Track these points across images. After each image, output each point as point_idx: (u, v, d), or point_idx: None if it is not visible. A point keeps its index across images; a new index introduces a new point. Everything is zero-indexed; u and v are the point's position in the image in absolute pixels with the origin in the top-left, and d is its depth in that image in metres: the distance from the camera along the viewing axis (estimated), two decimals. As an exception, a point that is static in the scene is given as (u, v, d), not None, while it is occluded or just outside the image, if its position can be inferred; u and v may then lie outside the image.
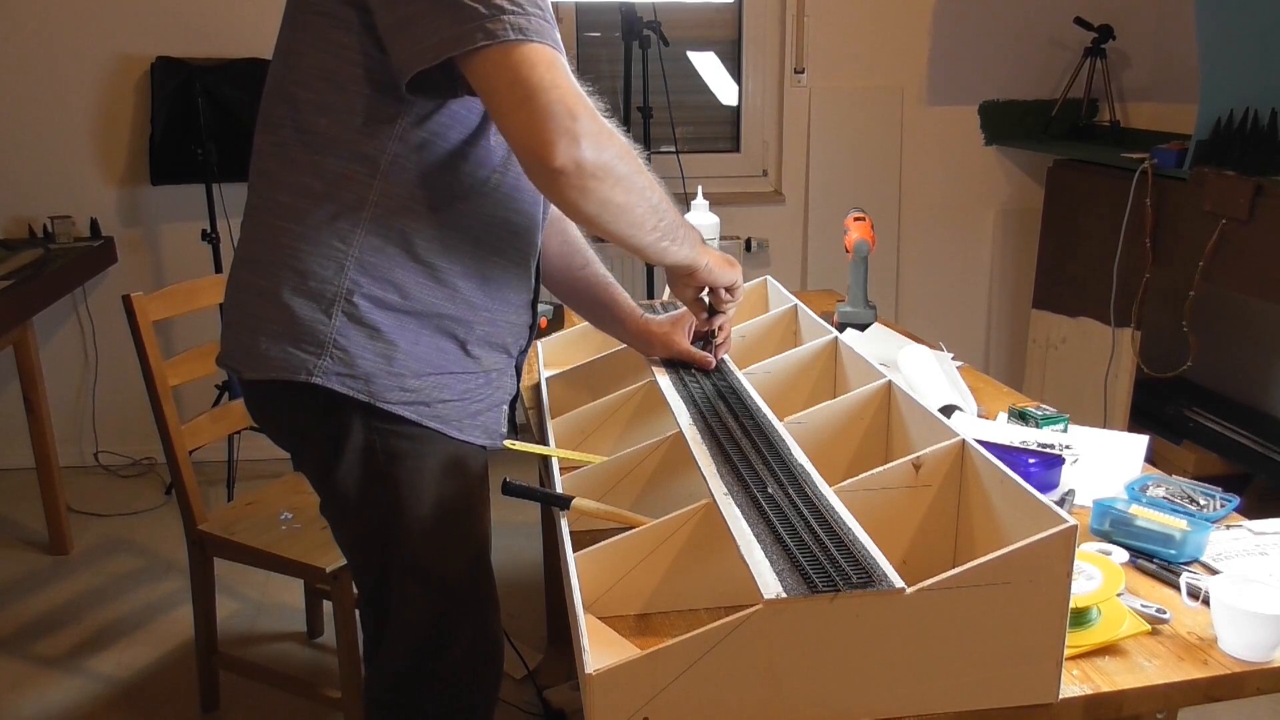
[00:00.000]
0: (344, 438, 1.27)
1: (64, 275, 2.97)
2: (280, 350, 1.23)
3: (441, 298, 1.27)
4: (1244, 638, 1.08)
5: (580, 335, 2.00)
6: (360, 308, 1.22)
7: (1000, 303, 3.93)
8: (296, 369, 1.22)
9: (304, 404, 1.26)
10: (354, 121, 1.19)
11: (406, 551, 1.33)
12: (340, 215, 1.21)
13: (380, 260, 1.23)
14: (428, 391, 1.27)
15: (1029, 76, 3.73)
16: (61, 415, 3.45)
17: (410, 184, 1.22)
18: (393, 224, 1.22)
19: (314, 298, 1.22)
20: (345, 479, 1.29)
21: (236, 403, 2.24)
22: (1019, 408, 1.67)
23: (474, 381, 1.32)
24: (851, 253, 2.15)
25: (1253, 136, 2.71)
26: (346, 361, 1.22)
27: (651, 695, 0.93)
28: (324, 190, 1.21)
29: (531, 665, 2.34)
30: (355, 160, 1.20)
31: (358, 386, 1.23)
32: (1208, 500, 1.40)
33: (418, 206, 1.23)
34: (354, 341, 1.22)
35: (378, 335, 1.23)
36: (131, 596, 2.76)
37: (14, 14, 3.26)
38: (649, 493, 1.38)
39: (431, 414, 1.28)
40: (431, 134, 1.22)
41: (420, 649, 1.38)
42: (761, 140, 3.76)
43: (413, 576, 1.34)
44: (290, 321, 1.22)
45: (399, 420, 1.26)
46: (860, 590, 0.94)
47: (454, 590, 1.37)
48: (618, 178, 1.14)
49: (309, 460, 1.36)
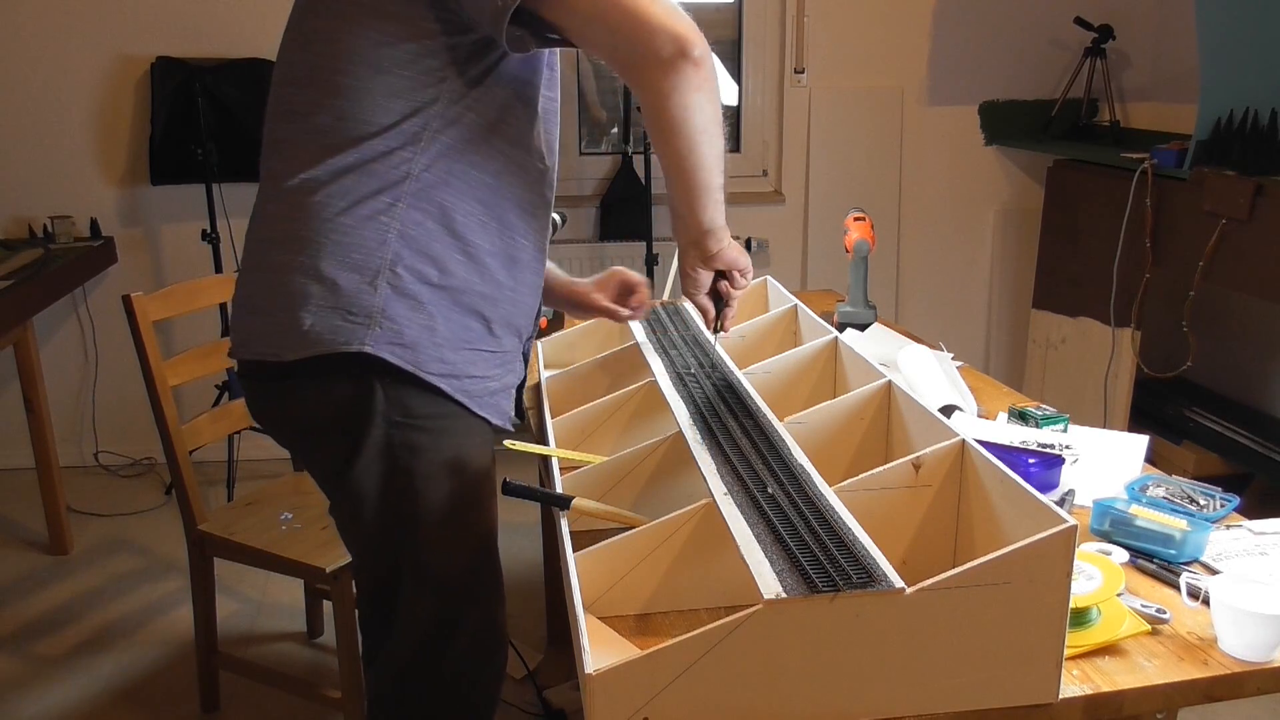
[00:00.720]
0: (364, 432, 1.27)
1: (64, 275, 2.97)
2: (327, 323, 1.24)
3: (474, 274, 1.30)
4: (1244, 638, 1.08)
5: (580, 335, 2.00)
6: (403, 279, 1.25)
7: (1000, 303, 3.93)
8: (349, 339, 1.24)
9: (332, 391, 1.26)
10: (396, 104, 1.23)
11: (419, 544, 1.34)
12: (383, 190, 1.24)
13: (420, 234, 1.26)
14: (460, 365, 1.30)
15: (1029, 76, 3.73)
16: (61, 415, 3.45)
17: (449, 160, 1.26)
18: (432, 198, 1.26)
19: (358, 270, 1.24)
20: (363, 474, 1.30)
21: (236, 403, 2.24)
22: (1019, 408, 1.67)
23: (494, 361, 1.35)
24: (851, 253, 2.15)
25: (1253, 136, 2.71)
26: (395, 331, 1.25)
27: (651, 695, 0.93)
28: (366, 167, 1.23)
29: (531, 665, 2.34)
30: (396, 137, 1.23)
31: (405, 356, 1.25)
32: (1208, 500, 1.40)
33: (455, 182, 1.27)
34: (399, 312, 1.25)
35: (419, 307, 1.26)
36: (131, 596, 2.76)
37: (14, 14, 3.26)
38: (649, 493, 1.38)
39: (460, 388, 1.30)
40: (468, 109, 1.26)
41: (426, 641, 1.39)
42: (761, 140, 3.76)
43: (423, 569, 1.36)
44: (336, 294, 1.24)
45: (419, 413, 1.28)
46: (860, 590, 0.94)
47: (462, 581, 1.38)
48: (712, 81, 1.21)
49: (321, 458, 1.36)
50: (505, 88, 1.29)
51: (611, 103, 3.72)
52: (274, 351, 1.27)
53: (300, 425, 1.35)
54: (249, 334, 1.31)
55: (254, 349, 1.30)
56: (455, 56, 1.24)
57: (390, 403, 1.27)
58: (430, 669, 1.40)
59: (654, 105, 1.21)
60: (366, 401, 1.26)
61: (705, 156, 1.25)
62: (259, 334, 1.29)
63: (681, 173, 1.26)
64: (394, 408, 1.27)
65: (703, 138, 1.23)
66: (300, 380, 1.28)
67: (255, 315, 1.30)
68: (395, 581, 1.37)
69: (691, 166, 1.25)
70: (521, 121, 1.32)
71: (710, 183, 1.28)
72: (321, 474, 1.38)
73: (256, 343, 1.30)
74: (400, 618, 1.38)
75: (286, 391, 1.31)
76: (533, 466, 1.86)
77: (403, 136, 1.23)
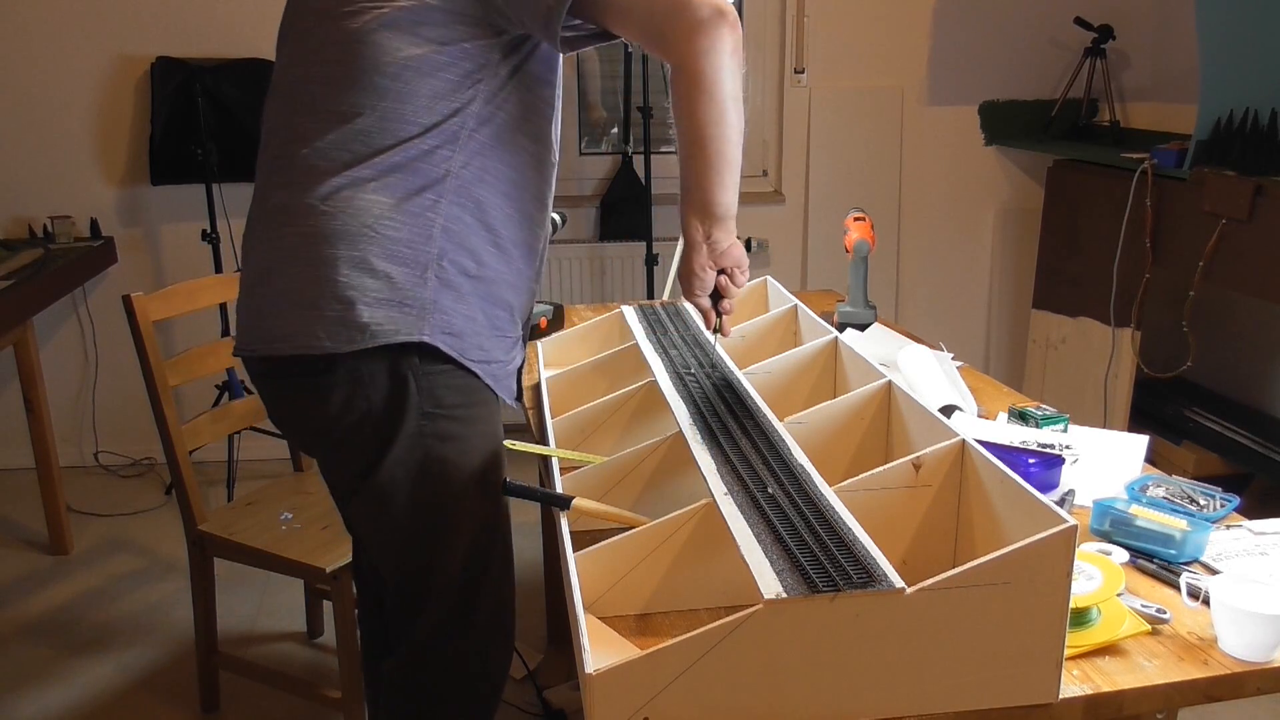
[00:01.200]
0: (398, 425, 1.31)
1: (64, 275, 2.97)
2: (385, 314, 1.27)
3: (503, 265, 1.37)
4: (1244, 638, 1.08)
5: (580, 335, 2.00)
6: (448, 271, 1.31)
7: (1000, 303, 3.93)
8: (409, 329, 1.28)
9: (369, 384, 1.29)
10: (439, 105, 1.28)
11: (452, 528, 1.38)
12: (427, 187, 1.29)
13: (460, 228, 1.31)
14: (493, 352, 1.38)
15: (1029, 76, 3.73)
16: (61, 415, 3.45)
17: (483, 157, 1.32)
18: (471, 193, 1.32)
19: (409, 264, 1.28)
20: (395, 467, 1.33)
21: (236, 403, 2.24)
22: (1019, 408, 1.67)
23: (510, 344, 1.42)
24: (851, 253, 2.15)
25: (1253, 136, 2.71)
26: (446, 321, 1.31)
27: (651, 695, 0.93)
28: (411, 165, 1.28)
29: (531, 665, 2.34)
30: (438, 136, 1.29)
31: (454, 344, 1.31)
32: (1208, 500, 1.40)
33: (488, 178, 1.33)
34: (447, 303, 1.31)
35: (461, 298, 1.32)
36: (131, 596, 2.76)
37: (14, 14, 3.26)
38: (649, 493, 1.38)
39: (490, 373, 1.37)
40: (499, 108, 1.32)
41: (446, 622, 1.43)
42: (761, 140, 3.76)
43: (453, 551, 1.39)
44: (392, 287, 1.27)
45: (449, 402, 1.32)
46: (860, 590, 0.94)
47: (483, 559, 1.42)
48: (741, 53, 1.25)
49: (347, 455, 1.36)
50: (528, 85, 1.35)
51: (611, 103, 3.72)
52: (322, 345, 1.26)
53: (330, 421, 1.33)
54: (286, 329, 1.29)
55: (296, 343, 1.28)
56: (490, 58, 1.30)
57: (423, 395, 1.31)
58: (449, 649, 1.44)
59: (689, 66, 1.24)
60: (401, 394, 1.30)
61: (732, 127, 1.27)
62: (302, 328, 1.28)
63: (709, 142, 1.27)
64: (426, 399, 1.31)
65: (732, 105, 1.26)
66: (339, 374, 1.28)
67: (299, 309, 1.28)
68: (426, 568, 1.40)
69: (719, 135, 1.26)
70: (541, 117, 1.39)
71: (734, 158, 1.29)
72: (348, 471, 1.38)
73: (299, 337, 1.28)
74: (431, 602, 1.42)
75: (321, 387, 1.30)
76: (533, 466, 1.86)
77: (443, 135, 1.29)
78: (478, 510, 1.40)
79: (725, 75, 1.24)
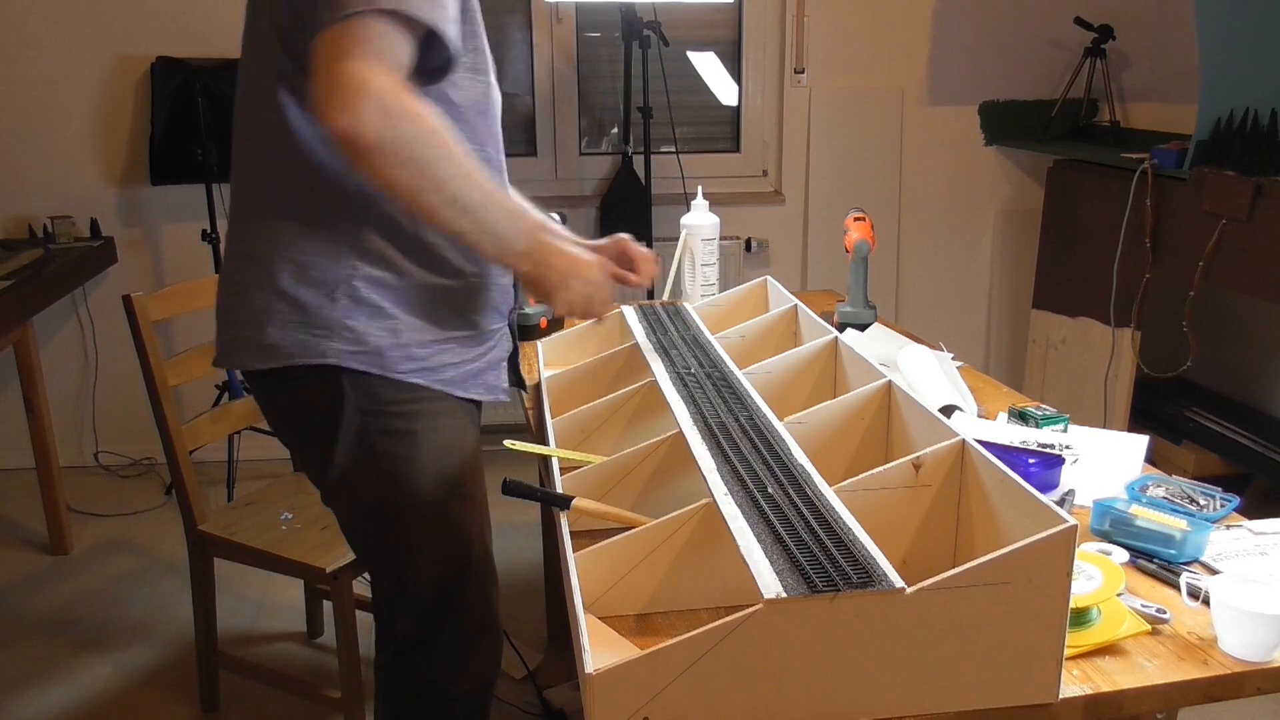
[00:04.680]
0: (337, 423, 1.32)
1: (64, 275, 2.97)
2: (292, 337, 1.28)
3: (434, 270, 1.34)
4: (1244, 638, 1.08)
5: (580, 335, 2.00)
6: (360, 290, 1.29)
7: (1000, 303, 3.93)
8: (312, 352, 1.28)
9: (306, 391, 1.32)
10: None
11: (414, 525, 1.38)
12: (333, 207, 1.28)
13: (373, 245, 1.29)
14: (434, 358, 1.35)
15: (1029, 76, 3.73)
16: (61, 415, 3.45)
17: None
18: (379, 209, 1.28)
19: (316, 285, 1.28)
20: (345, 463, 1.35)
21: (236, 403, 2.24)
22: (1019, 408, 1.67)
23: (475, 342, 1.40)
24: (851, 253, 2.15)
25: (1253, 136, 2.71)
26: (358, 340, 1.29)
27: (651, 695, 0.93)
28: (314, 184, 1.27)
29: (531, 665, 2.34)
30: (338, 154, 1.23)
31: (371, 361, 1.30)
32: (1208, 500, 1.40)
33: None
34: (361, 321, 1.29)
35: (381, 312, 1.30)
36: (131, 596, 2.76)
37: (14, 14, 3.26)
38: (649, 493, 1.38)
39: (439, 378, 1.36)
40: None
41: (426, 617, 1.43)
42: (761, 140, 3.76)
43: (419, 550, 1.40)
44: (298, 309, 1.28)
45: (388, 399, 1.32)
46: (860, 590, 0.94)
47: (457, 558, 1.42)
48: (403, 159, 1.12)
49: (310, 454, 1.40)
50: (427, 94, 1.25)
51: (611, 103, 3.72)
52: (249, 361, 1.33)
53: (286, 423, 1.42)
54: (225, 342, 1.37)
55: (231, 358, 1.36)
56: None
57: (359, 393, 1.31)
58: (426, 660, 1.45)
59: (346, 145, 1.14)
60: (336, 393, 1.31)
61: (435, 213, 1.18)
62: (232, 344, 1.36)
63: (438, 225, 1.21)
64: (362, 398, 1.31)
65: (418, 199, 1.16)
66: (276, 384, 1.34)
67: (229, 327, 1.36)
68: (396, 575, 1.42)
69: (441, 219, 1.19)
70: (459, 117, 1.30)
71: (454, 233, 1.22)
72: (311, 469, 1.43)
73: (233, 352, 1.36)
74: (404, 610, 1.43)
75: (267, 390, 1.38)
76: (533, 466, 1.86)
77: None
78: (441, 514, 1.39)
79: (390, 188, 1.15)
